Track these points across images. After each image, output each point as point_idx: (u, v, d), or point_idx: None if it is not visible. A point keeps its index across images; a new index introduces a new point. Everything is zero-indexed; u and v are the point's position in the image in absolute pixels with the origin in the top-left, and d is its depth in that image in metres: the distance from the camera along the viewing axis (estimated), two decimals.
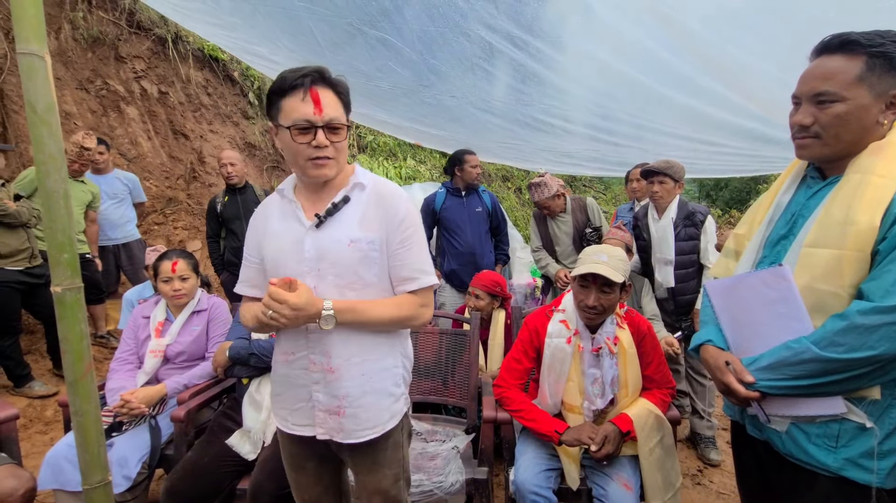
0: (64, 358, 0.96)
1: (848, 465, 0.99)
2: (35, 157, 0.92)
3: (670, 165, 2.66)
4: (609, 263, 1.66)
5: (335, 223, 1.20)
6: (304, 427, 1.25)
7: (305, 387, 1.22)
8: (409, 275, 1.23)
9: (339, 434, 1.21)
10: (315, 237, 1.19)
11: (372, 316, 1.18)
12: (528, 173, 9.37)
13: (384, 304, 1.21)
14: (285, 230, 1.22)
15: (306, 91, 1.13)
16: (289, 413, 1.27)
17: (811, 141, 1.07)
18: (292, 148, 1.16)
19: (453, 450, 1.99)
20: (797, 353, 1.00)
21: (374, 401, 1.23)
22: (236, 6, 2.71)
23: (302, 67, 1.14)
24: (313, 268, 1.18)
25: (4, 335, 3.07)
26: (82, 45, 4.48)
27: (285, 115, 1.14)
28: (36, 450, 2.74)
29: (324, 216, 1.18)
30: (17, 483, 1.52)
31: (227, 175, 3.50)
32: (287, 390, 1.26)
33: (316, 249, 1.18)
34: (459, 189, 3.40)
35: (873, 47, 0.99)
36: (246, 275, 1.31)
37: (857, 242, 0.97)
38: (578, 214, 3.20)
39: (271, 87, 1.17)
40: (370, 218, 1.21)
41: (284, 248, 1.20)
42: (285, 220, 1.24)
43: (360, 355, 1.21)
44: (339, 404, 1.20)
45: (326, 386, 1.20)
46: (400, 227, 1.22)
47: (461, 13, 2.46)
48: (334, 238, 1.18)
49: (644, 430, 1.66)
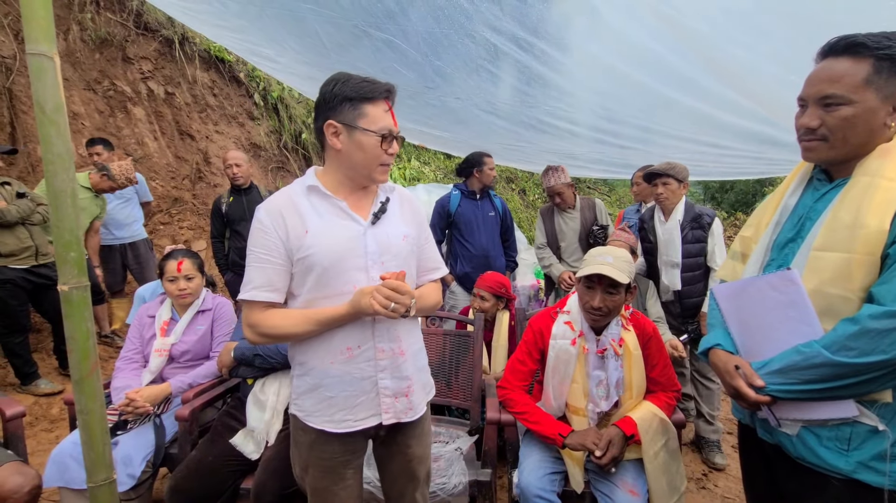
0: (70, 356, 0.97)
1: (860, 468, 0.99)
2: (43, 156, 0.93)
3: (672, 166, 2.65)
4: (615, 265, 1.65)
5: (386, 220, 1.30)
6: (368, 419, 1.27)
7: (370, 379, 1.26)
8: (434, 266, 1.44)
9: (409, 413, 1.31)
10: (374, 233, 1.26)
11: (427, 301, 1.36)
12: (532, 175, 9.37)
13: (429, 290, 1.40)
14: (339, 228, 1.24)
15: (387, 105, 1.24)
16: (348, 411, 1.25)
17: (818, 143, 1.06)
18: (372, 151, 1.22)
19: (456, 452, 1.99)
20: (808, 358, 1.00)
21: (426, 374, 1.41)
22: (243, 8, 2.72)
23: (377, 80, 1.23)
24: (377, 261, 1.25)
25: (12, 333, 3.09)
26: (90, 46, 4.52)
27: (371, 121, 1.20)
28: (42, 447, 2.76)
29: (379, 213, 1.29)
30: (22, 480, 1.53)
31: (232, 176, 3.51)
32: (344, 389, 1.25)
33: (377, 244, 1.26)
34: (475, 192, 3.39)
35: (880, 49, 0.98)
36: (266, 279, 1.22)
37: (866, 246, 0.96)
38: (587, 213, 3.19)
39: (351, 91, 1.20)
40: (406, 216, 1.36)
41: (343, 245, 1.23)
42: (328, 217, 1.24)
43: (414, 336, 1.36)
44: (408, 384, 1.30)
45: (395, 370, 1.28)
46: (423, 225, 1.41)
47: (466, 15, 2.46)
48: (390, 233, 1.29)
49: (648, 434, 1.65)
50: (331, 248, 1.21)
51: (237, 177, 3.51)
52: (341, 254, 1.22)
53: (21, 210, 2.97)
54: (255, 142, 5.76)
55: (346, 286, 1.22)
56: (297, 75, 3.69)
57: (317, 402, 1.26)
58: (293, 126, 6.16)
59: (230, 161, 3.53)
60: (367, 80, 1.22)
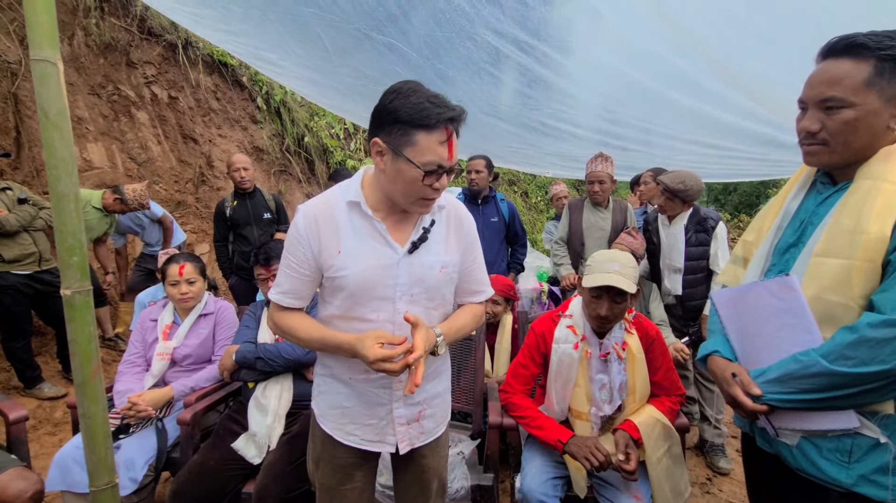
0: (73, 360, 0.97)
1: (861, 481, 0.96)
2: (46, 161, 0.94)
3: (686, 188, 2.56)
4: (622, 272, 1.63)
5: (425, 248, 1.19)
6: (376, 443, 1.26)
7: (385, 406, 1.23)
8: (478, 289, 1.34)
9: (420, 437, 1.28)
10: (408, 263, 1.17)
11: (462, 331, 1.27)
12: (535, 178, 9.37)
13: (465, 317, 1.29)
14: (373, 254, 1.15)
15: (446, 134, 1.06)
16: (359, 428, 1.25)
17: (819, 148, 1.04)
18: (412, 185, 1.08)
19: (459, 456, 1.98)
20: (805, 366, 0.97)
21: (445, 397, 1.35)
22: (246, 13, 2.74)
23: (444, 102, 1.05)
24: (406, 293, 1.17)
25: (15, 337, 3.10)
26: (94, 51, 4.55)
27: (419, 152, 1.05)
28: (45, 451, 2.76)
29: (418, 242, 1.18)
30: (25, 485, 1.53)
31: (239, 179, 3.51)
32: (360, 406, 1.24)
33: (409, 275, 1.17)
34: (475, 196, 3.36)
35: (882, 50, 0.95)
36: (292, 287, 1.20)
37: (867, 252, 0.94)
38: (618, 215, 3.11)
39: (405, 112, 1.03)
40: (451, 240, 1.25)
41: (375, 273, 1.15)
42: (365, 239, 1.16)
43: (438, 361, 1.29)
44: (419, 409, 1.27)
45: (408, 398, 1.24)
46: (472, 247, 1.30)
47: (468, 18, 2.47)
48: (426, 264, 1.19)
49: (651, 440, 1.64)
50: (361, 274, 1.15)
51: (244, 181, 3.52)
52: (372, 283, 1.15)
53: (21, 217, 2.98)
54: (258, 145, 5.78)
55: (371, 314, 1.17)
56: (300, 79, 3.71)
57: (331, 407, 1.26)
58: (296, 129, 6.18)
59: (237, 165, 3.52)
60: (433, 100, 1.04)
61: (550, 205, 8.23)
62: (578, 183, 9.01)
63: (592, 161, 3.06)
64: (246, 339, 2.00)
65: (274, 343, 1.98)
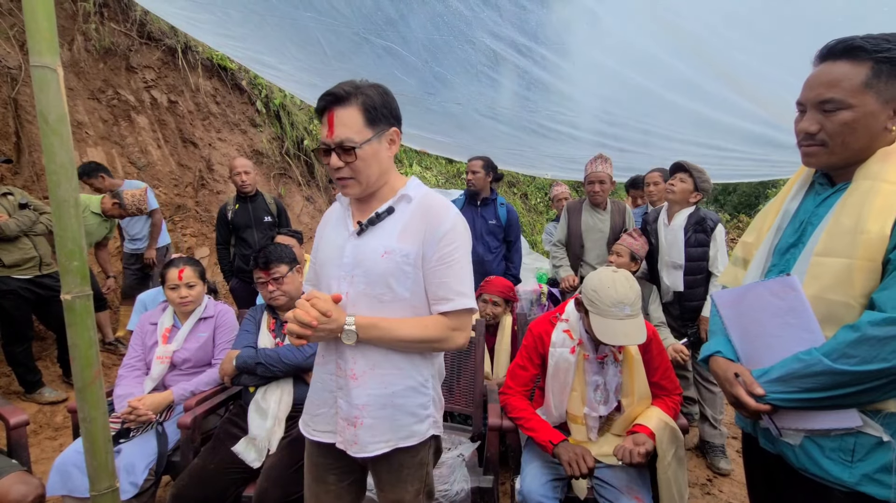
0: (73, 365, 0.97)
1: (865, 481, 0.96)
2: (46, 166, 0.94)
3: (701, 171, 2.62)
4: (633, 315, 1.57)
5: (375, 232, 1.21)
6: (325, 433, 1.26)
7: (331, 393, 1.24)
8: (444, 296, 1.18)
9: (354, 447, 1.19)
10: (355, 244, 1.22)
11: (395, 334, 1.15)
12: (534, 179, 9.38)
13: (409, 324, 1.17)
14: (335, 236, 1.28)
15: (325, 114, 1.16)
16: (311, 417, 1.29)
17: (817, 149, 1.05)
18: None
19: (458, 458, 1.98)
20: (808, 366, 0.98)
21: (393, 416, 1.20)
22: (245, 17, 2.75)
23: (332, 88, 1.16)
24: (348, 273, 1.20)
25: (16, 342, 3.10)
26: (94, 56, 4.56)
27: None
28: (45, 455, 2.76)
29: (366, 224, 1.21)
30: (26, 489, 1.53)
31: (241, 183, 3.52)
32: (315, 393, 1.29)
33: (353, 256, 1.20)
34: (475, 198, 3.36)
35: (879, 52, 0.96)
36: (312, 272, 1.37)
37: (867, 251, 0.94)
38: (616, 217, 3.13)
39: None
40: (411, 231, 1.18)
41: (329, 253, 1.26)
42: (337, 226, 1.29)
43: (383, 366, 1.19)
44: (357, 414, 1.18)
45: (348, 393, 1.19)
46: (441, 243, 1.17)
47: (466, 21, 2.48)
48: (370, 247, 1.19)
49: (663, 443, 1.63)
50: (322, 254, 1.29)
51: (246, 184, 3.52)
52: (325, 262, 1.27)
53: (21, 223, 2.98)
54: (258, 149, 5.79)
55: (326, 291, 1.23)
56: (299, 82, 3.72)
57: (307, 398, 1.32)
58: (295, 133, 6.19)
59: (239, 169, 3.53)
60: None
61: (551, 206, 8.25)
62: (578, 184, 9.01)
63: (592, 162, 3.08)
64: (246, 344, 2.01)
65: (274, 348, 1.98)
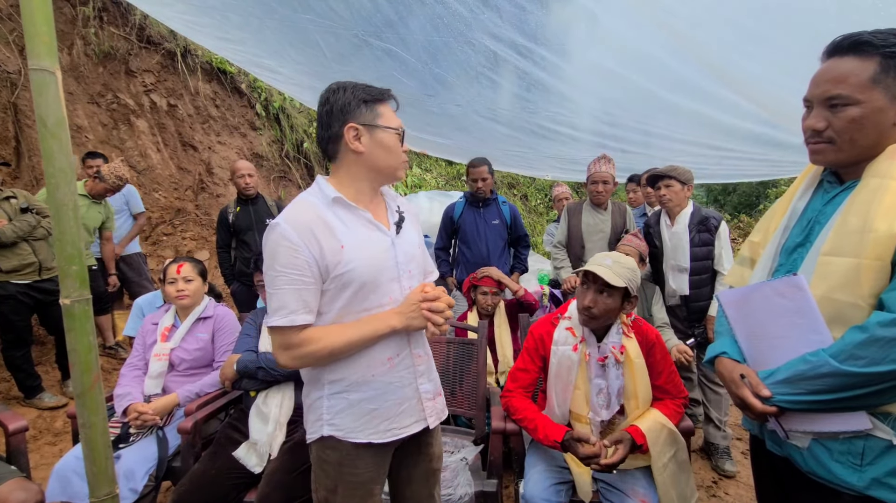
0: (72, 370, 0.96)
1: (874, 485, 0.94)
2: (45, 170, 0.93)
3: (674, 168, 2.65)
4: (612, 268, 1.64)
5: (404, 227, 1.32)
6: (412, 425, 1.29)
7: (411, 385, 1.29)
8: (431, 269, 1.44)
9: (443, 413, 1.37)
10: (400, 242, 1.29)
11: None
12: (534, 181, 9.38)
13: None
14: (368, 241, 1.21)
15: (396, 103, 1.29)
16: (393, 420, 1.25)
17: (825, 146, 1.03)
18: (396, 148, 1.25)
19: (462, 462, 1.96)
20: (815, 367, 0.96)
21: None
22: (245, 21, 2.75)
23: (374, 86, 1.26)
24: (405, 270, 1.28)
25: (15, 347, 3.09)
26: (94, 60, 4.56)
27: (388, 120, 1.24)
28: (45, 461, 2.75)
29: (400, 223, 1.31)
30: (25, 496, 1.51)
31: (243, 186, 3.50)
32: (388, 398, 1.24)
33: (404, 253, 1.28)
34: (477, 199, 3.37)
35: (887, 47, 0.95)
36: (302, 302, 1.14)
37: (875, 251, 0.92)
38: (617, 217, 3.12)
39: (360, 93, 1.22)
40: (412, 223, 1.37)
41: (379, 257, 1.23)
42: (357, 229, 1.21)
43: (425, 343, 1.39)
44: (438, 385, 1.38)
45: (430, 373, 1.34)
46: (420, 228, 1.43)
47: (465, 23, 2.48)
48: (410, 241, 1.32)
49: (657, 446, 1.62)
50: (369, 262, 1.19)
51: (249, 187, 3.51)
52: (378, 267, 1.21)
53: (18, 229, 2.96)
54: (258, 152, 5.79)
55: (384, 299, 1.23)
56: (299, 85, 3.72)
57: (359, 417, 1.22)
58: (295, 135, 6.20)
59: (241, 171, 3.51)
60: (370, 85, 1.26)
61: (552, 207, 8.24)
62: (578, 185, 9.01)
63: (596, 162, 3.08)
64: (247, 348, 1.99)
65: None
